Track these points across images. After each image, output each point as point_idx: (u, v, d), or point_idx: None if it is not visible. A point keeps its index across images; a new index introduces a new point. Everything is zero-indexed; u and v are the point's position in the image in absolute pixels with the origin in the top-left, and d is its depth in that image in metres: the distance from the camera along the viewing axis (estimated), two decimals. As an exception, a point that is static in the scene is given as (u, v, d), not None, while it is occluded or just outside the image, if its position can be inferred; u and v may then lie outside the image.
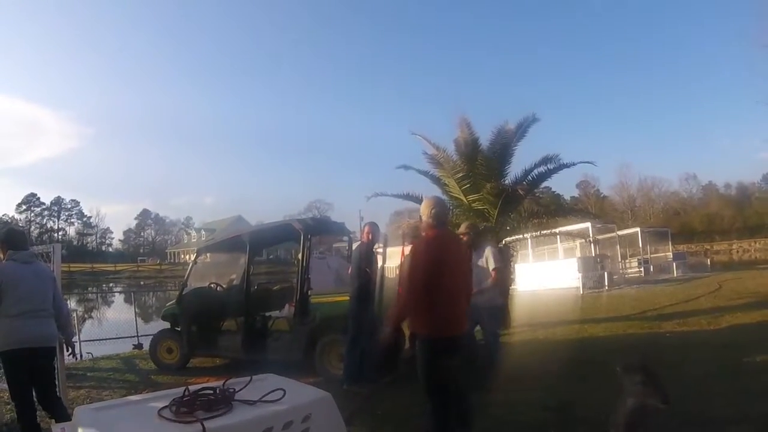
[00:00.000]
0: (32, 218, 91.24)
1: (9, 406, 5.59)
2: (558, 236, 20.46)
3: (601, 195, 77.19)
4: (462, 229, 6.33)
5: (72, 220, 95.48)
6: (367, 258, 6.24)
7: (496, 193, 10.25)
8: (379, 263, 6.55)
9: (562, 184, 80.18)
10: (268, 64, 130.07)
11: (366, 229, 6.49)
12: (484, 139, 10.86)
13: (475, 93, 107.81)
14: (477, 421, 4.08)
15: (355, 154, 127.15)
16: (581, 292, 17.31)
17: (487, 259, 6.01)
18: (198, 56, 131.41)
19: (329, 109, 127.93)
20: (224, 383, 2.33)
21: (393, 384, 6.03)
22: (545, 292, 17.38)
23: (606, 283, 18.76)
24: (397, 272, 6.95)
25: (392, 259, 7.19)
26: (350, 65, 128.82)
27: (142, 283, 45.08)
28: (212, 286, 8.55)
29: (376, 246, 6.52)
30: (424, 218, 3.85)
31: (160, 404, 2.18)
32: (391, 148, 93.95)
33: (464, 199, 10.61)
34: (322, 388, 5.41)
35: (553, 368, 6.21)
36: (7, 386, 4.41)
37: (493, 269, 5.97)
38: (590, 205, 65.67)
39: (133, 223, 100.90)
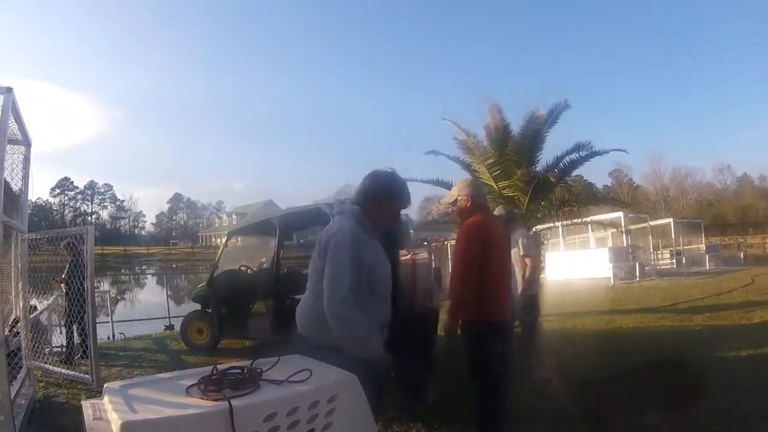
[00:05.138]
0: (66, 202, 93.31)
1: (41, 384, 5.79)
2: (589, 225, 20.16)
3: (634, 184, 75.33)
4: (496, 212, 6.19)
5: (105, 203, 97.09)
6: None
7: (527, 180, 10.22)
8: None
9: (595, 173, 78.27)
10: (297, 50, 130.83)
11: None
12: (515, 126, 10.79)
13: (504, 81, 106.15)
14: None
15: (384, 142, 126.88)
16: (612, 283, 17.09)
17: (519, 245, 5.84)
18: (231, 39, 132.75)
19: (357, 95, 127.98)
20: (252, 363, 2.32)
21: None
22: (576, 281, 17.14)
23: (637, 274, 18.47)
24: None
25: None
26: (379, 52, 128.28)
27: (174, 265, 45.67)
28: (242, 268, 8.64)
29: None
30: (460, 199, 3.72)
31: (189, 382, 2.18)
32: (419, 136, 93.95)
33: (495, 186, 10.55)
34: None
35: (581, 359, 6.10)
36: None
37: (523, 256, 5.84)
38: (623, 194, 64.28)
39: (165, 207, 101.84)
